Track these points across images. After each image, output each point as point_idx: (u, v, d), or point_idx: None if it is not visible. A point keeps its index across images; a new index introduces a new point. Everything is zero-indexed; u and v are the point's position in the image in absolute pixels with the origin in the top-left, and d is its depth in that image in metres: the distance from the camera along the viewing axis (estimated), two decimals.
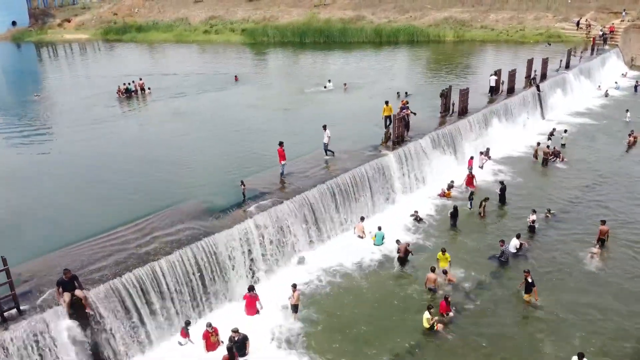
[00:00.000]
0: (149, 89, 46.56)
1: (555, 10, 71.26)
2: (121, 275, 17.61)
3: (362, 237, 24.72)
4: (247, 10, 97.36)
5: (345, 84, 45.63)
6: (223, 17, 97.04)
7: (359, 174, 26.41)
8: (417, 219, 26.59)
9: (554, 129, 36.77)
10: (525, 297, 20.02)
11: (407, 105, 31.73)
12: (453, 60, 58.67)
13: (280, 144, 25.06)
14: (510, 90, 39.44)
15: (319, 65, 59.41)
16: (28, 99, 47.63)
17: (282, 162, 25.19)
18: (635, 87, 50.05)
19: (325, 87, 45.89)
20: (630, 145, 35.59)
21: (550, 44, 61.12)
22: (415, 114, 31.87)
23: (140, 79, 47.55)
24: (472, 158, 32.40)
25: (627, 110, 41.44)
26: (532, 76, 41.86)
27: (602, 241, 23.85)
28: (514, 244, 23.21)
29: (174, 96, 44.76)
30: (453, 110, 34.75)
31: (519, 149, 35.62)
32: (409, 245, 23.01)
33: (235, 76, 50.59)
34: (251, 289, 19.19)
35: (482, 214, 26.65)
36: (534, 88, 41.10)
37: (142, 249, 19.05)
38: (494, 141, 35.65)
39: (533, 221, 25.04)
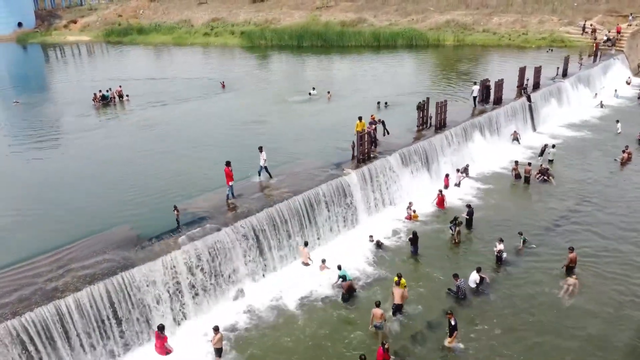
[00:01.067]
0: (127, 96, 45.13)
1: (561, 14, 68.55)
2: (20, 315, 15.89)
3: (307, 264, 22.80)
4: (249, 12, 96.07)
5: (329, 92, 43.77)
6: (225, 19, 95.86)
7: (315, 195, 24.46)
8: (378, 245, 24.60)
9: (545, 145, 34.39)
10: (448, 341, 17.95)
11: (376, 120, 29.77)
12: (449, 66, 56.51)
13: (227, 163, 23.37)
14: (497, 101, 37.09)
15: (311, 70, 57.75)
16: (6, 105, 46.41)
17: (230, 183, 23.43)
18: (639, 96, 47.26)
19: (309, 94, 43.99)
20: (624, 163, 33.12)
21: (552, 50, 58.55)
22: (388, 132, 29.95)
23: (120, 86, 46.11)
24: (447, 176, 30.30)
25: (618, 122, 39.02)
26: (523, 85, 39.45)
27: (570, 269, 21.83)
28: (473, 278, 21.15)
29: (152, 104, 43.26)
30: (430, 124, 32.56)
31: (504, 165, 33.32)
32: (352, 282, 21.03)
33: (222, 82, 48.93)
34: (161, 328, 17.41)
35: (456, 240, 24.53)
36: (524, 98, 38.65)
37: (52, 283, 17.37)
38: (476, 157, 33.45)
39: (500, 251, 22.89)
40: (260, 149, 24.95)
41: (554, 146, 33.93)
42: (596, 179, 31.13)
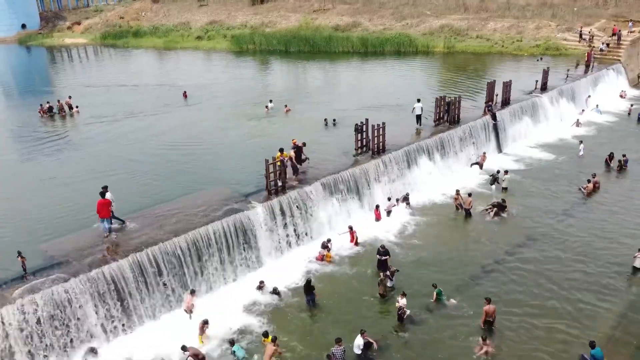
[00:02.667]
0: (76, 107, 42.84)
1: (561, 19, 64.15)
2: None
3: (189, 313, 19.87)
4: (247, 15, 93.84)
5: (286, 106, 40.72)
6: (223, 21, 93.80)
7: (204, 235, 21.53)
8: (274, 292, 21.61)
9: (497, 172, 30.86)
10: None
11: (298, 144, 26.75)
12: (432, 76, 53.08)
13: (102, 193, 20.54)
14: (454, 120, 33.62)
15: (286, 78, 54.88)
16: None
17: (105, 218, 20.67)
18: (629, 112, 43.11)
19: (267, 107, 41.07)
20: (589, 193, 29.35)
21: (541, 59, 54.40)
22: (307, 158, 26.90)
23: (69, 97, 43.94)
24: (377, 208, 27.10)
25: (581, 142, 35.23)
26: (491, 102, 35.90)
27: (488, 324, 19.01)
28: (357, 343, 18.00)
29: (99, 118, 40.84)
30: (368, 148, 29.37)
31: (453, 193, 29.86)
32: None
33: (184, 92, 46.31)
34: None
35: (382, 292, 21.25)
36: (488, 117, 35.08)
37: None
38: (421, 184, 30.18)
39: (401, 308, 19.64)
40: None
41: (506, 172, 30.40)
42: (554, 213, 27.68)
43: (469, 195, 27.88)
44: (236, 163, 29.04)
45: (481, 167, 32.97)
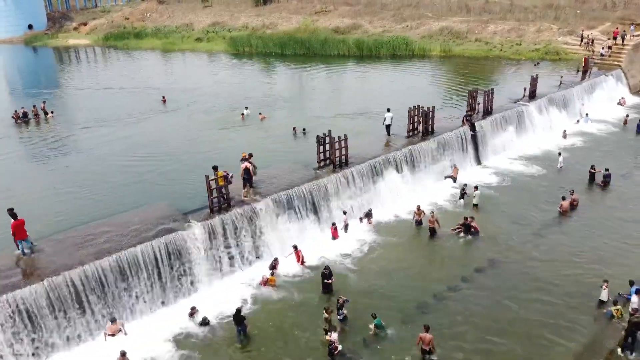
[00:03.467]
0: (51, 112, 41.88)
1: (563, 22, 61.74)
2: None
3: (109, 340, 18.50)
4: (249, 16, 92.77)
5: (260, 114, 39.30)
6: (226, 23, 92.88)
7: (132, 256, 20.12)
8: (204, 323, 20.14)
9: (465, 185, 29.06)
10: None
11: (247, 157, 25.23)
12: (422, 81, 51.02)
13: (13, 214, 19.21)
14: (428, 131, 31.85)
15: (274, 82, 53.37)
16: None
17: (21, 240, 19.39)
18: (625, 122, 40.83)
19: (242, 114, 39.68)
20: (565, 212, 27.38)
21: (538, 63, 52.18)
22: (255, 173, 25.34)
23: (43, 102, 43.01)
24: (334, 225, 25.51)
25: (560, 154, 33.16)
26: (472, 111, 34.06)
27: (425, 353, 17.53)
28: None
29: (71, 125, 39.89)
30: (330, 161, 27.77)
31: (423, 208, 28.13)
32: None
33: (163, 97, 45.11)
34: None
35: (327, 329, 19.46)
36: (466, 127, 33.24)
37: None
38: (386, 199, 28.55)
39: (331, 343, 18.03)
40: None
41: (476, 187, 28.51)
42: (524, 234, 25.90)
43: (432, 213, 25.95)
44: (193, 176, 27.41)
45: (454, 180, 31.16)
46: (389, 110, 31.98)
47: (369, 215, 27.23)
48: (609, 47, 51.73)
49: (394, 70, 56.56)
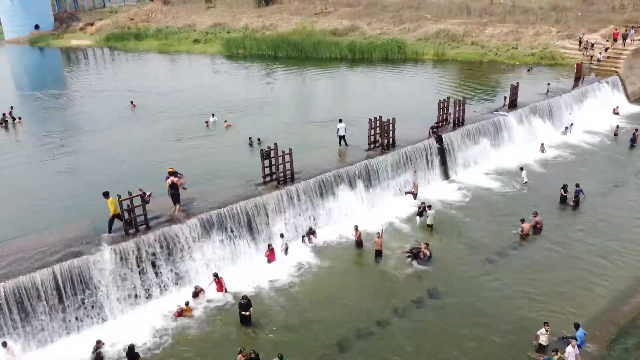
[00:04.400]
0: (19, 118, 40.78)
1: (564, 25, 58.87)
2: None
3: None
4: (251, 18, 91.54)
5: (226, 121, 37.64)
6: (228, 24, 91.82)
7: (30, 282, 18.56)
8: (98, 358, 18.45)
9: (422, 204, 26.95)
10: None
11: (177, 173, 23.49)
12: (408, 87, 48.71)
13: None
14: (388, 144, 29.80)
15: (252, 87, 51.34)
16: None
17: None
18: (615, 133, 38.21)
19: (207, 122, 38.03)
20: (525, 235, 25.10)
21: (530, 69, 49.60)
22: (184, 188, 23.62)
23: (11, 107, 41.93)
24: (270, 247, 23.68)
25: (522, 169, 30.77)
26: (441, 122, 31.91)
27: None
28: None
29: (35, 132, 38.69)
30: (275, 177, 25.92)
31: (373, 228, 26.07)
32: None
33: (132, 102, 43.74)
34: None
35: None
36: (432, 140, 31.09)
37: None
38: (335, 217, 26.66)
39: None
40: None
41: (429, 207, 26.35)
42: (475, 260, 23.84)
43: (379, 235, 23.89)
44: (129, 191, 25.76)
45: (415, 196, 29.01)
46: (340, 120, 30.06)
47: (311, 233, 25.26)
48: (606, 49, 48.83)
49: (383, 74, 54.52)
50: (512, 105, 36.55)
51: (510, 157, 34.40)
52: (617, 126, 38.68)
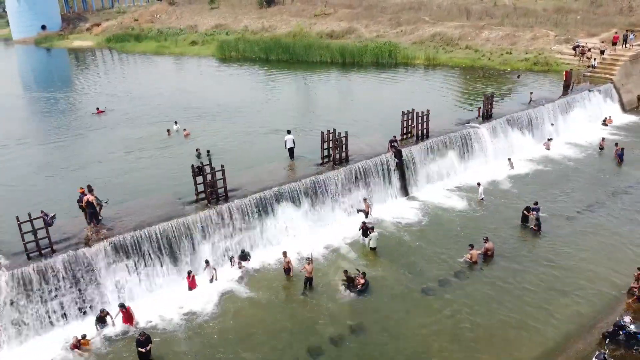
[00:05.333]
0: None
1: (562, 28, 56.07)
2: None
3: None
4: (252, 19, 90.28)
5: (185, 130, 36.06)
6: (229, 25, 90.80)
7: None
8: None
9: (363, 224, 24.98)
10: None
11: (91, 189, 21.90)
12: (391, 94, 46.61)
13: None
14: (341, 160, 27.86)
15: (230, 92, 49.71)
16: None
17: None
18: (601, 146, 35.64)
19: (168, 130, 36.51)
20: (474, 262, 22.97)
21: (519, 75, 47.09)
22: (101, 206, 22.01)
23: None
24: (190, 274, 21.90)
25: (479, 184, 28.52)
26: (392, 138, 29.84)
27: None
28: None
29: None
30: (208, 194, 24.20)
31: (317, 250, 24.29)
32: None
33: (98, 109, 42.45)
34: None
35: None
36: (391, 154, 29.05)
37: None
38: (274, 239, 24.70)
39: None
40: None
41: (372, 229, 24.33)
42: (412, 291, 21.63)
43: (308, 260, 21.98)
44: (56, 208, 24.12)
45: (367, 215, 26.98)
46: (289, 132, 28.24)
47: (243, 257, 23.44)
48: (602, 52, 46.08)
49: (370, 80, 52.65)
50: (487, 116, 34.18)
51: (481, 173, 32.18)
52: (603, 139, 36.10)
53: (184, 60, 70.80)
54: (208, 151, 31.04)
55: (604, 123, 40.46)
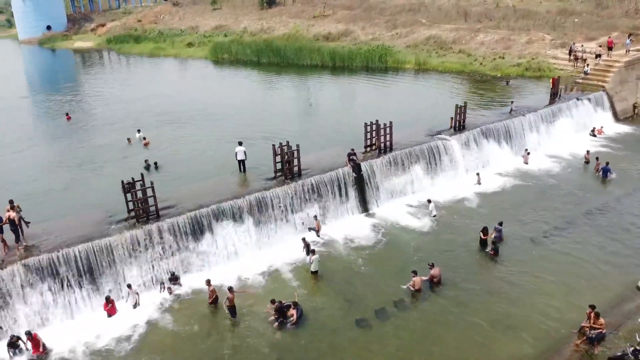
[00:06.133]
0: None
1: (559, 32, 53.69)
2: None
3: None
4: (252, 20, 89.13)
5: (145, 139, 34.78)
6: (229, 26, 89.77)
7: None
8: None
9: (304, 241, 23.33)
10: None
11: (17, 206, 20.58)
12: (372, 102, 45.00)
13: None
14: (292, 174, 26.22)
15: (210, 96, 48.29)
16: None
17: None
18: (586, 160, 33.48)
19: (129, 139, 35.20)
20: (417, 290, 21.19)
21: (508, 82, 44.90)
22: (27, 223, 20.71)
23: None
24: (108, 300, 20.49)
25: (430, 201, 26.61)
26: (350, 151, 28.10)
27: None
28: None
29: None
30: (137, 212, 22.73)
31: (257, 273, 22.74)
32: None
33: (67, 114, 41.35)
34: None
35: None
36: (349, 168, 27.33)
37: None
38: (212, 260, 23.17)
39: None
40: None
41: (313, 251, 22.65)
42: (347, 322, 19.95)
43: (230, 290, 20.38)
44: None
45: (318, 233, 25.30)
46: (240, 143, 26.67)
47: (174, 280, 21.89)
48: (597, 56, 43.71)
49: (357, 85, 51.01)
50: (459, 127, 32.23)
51: (450, 188, 30.27)
52: (588, 152, 33.88)
53: (176, 63, 69.79)
54: (156, 163, 29.68)
55: (593, 134, 38.09)
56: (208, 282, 20.97)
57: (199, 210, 23.45)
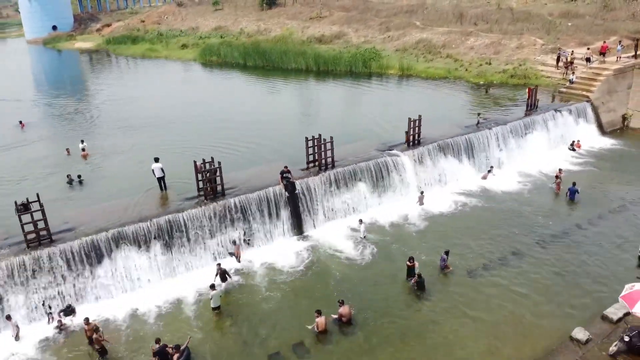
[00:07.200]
0: None
1: (552, 36, 50.61)
2: None
3: None
4: (250, 21, 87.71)
5: (84, 150, 33.07)
6: (229, 27, 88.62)
7: None
8: None
9: (218, 266, 21.28)
10: None
11: None
12: (344, 109, 42.81)
13: None
14: (214, 193, 24.15)
15: (180, 101, 46.46)
16: None
17: None
18: (557, 179, 30.72)
19: (67, 149, 33.43)
20: (321, 332, 19.01)
21: (487, 91, 42.10)
22: None
23: None
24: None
25: (361, 221, 25.32)
26: (284, 169, 25.88)
27: None
28: None
29: None
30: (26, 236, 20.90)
31: (159, 305, 20.71)
32: None
33: (21, 122, 39.84)
34: None
35: None
36: (281, 186, 25.15)
37: None
38: (111, 291, 21.25)
39: None
40: None
41: (212, 286, 20.50)
42: None
43: (92, 324, 18.34)
44: None
45: (239, 260, 23.17)
46: (157, 160, 24.67)
47: (67, 313, 19.99)
48: (587, 60, 40.70)
49: (335, 91, 48.74)
50: (413, 142, 29.74)
51: (399, 208, 27.78)
52: (560, 170, 30.99)
53: (164, 65, 68.45)
54: (79, 176, 27.73)
55: (572, 148, 35.18)
56: (86, 320, 18.91)
57: (96, 235, 21.40)
